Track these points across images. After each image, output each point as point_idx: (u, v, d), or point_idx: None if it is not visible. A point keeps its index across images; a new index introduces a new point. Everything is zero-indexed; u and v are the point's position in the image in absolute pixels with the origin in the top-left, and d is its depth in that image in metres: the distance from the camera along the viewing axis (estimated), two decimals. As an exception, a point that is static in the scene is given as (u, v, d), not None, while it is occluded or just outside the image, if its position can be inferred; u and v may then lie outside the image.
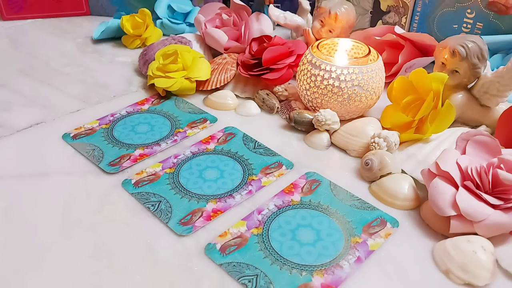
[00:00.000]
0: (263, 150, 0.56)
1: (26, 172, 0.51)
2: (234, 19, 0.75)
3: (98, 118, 0.61)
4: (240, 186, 0.50)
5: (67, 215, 0.45)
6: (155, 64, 0.66)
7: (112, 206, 0.47)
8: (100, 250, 0.42)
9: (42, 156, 0.54)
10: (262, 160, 0.54)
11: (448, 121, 0.53)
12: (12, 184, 0.49)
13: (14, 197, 0.48)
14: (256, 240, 0.43)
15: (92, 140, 0.57)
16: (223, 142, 0.57)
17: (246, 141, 0.57)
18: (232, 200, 0.48)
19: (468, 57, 0.54)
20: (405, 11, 0.76)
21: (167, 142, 0.57)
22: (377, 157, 0.51)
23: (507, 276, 0.41)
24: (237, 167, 0.53)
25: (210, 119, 0.62)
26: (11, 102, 0.64)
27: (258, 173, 0.52)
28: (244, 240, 0.43)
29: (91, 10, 0.94)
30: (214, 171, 0.52)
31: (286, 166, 0.53)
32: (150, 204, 0.47)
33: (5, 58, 0.77)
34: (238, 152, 0.55)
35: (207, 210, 0.47)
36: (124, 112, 0.63)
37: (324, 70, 0.56)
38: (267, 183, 0.50)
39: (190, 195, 0.48)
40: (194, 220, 0.45)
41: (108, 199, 0.48)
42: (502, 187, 0.43)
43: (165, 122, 0.61)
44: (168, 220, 0.45)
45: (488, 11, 0.69)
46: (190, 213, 0.46)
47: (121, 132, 0.58)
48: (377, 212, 0.47)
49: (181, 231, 0.44)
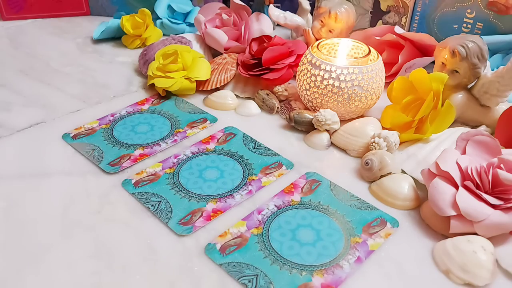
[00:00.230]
0: (263, 150, 0.55)
1: (26, 172, 0.51)
2: (234, 19, 0.75)
3: (98, 118, 0.61)
4: (240, 186, 0.50)
5: (67, 215, 0.45)
6: (155, 64, 0.66)
7: (112, 206, 0.47)
8: (100, 250, 0.42)
9: (42, 156, 0.54)
10: (262, 160, 0.54)
11: (448, 121, 0.53)
12: (12, 184, 0.49)
13: (14, 197, 0.48)
14: (256, 240, 0.43)
15: (92, 140, 0.57)
16: (223, 142, 0.57)
17: (246, 141, 0.57)
18: (232, 200, 0.48)
19: (468, 57, 0.54)
20: (405, 11, 0.76)
21: (167, 142, 0.57)
22: (377, 157, 0.51)
23: (507, 276, 0.41)
24: (237, 167, 0.53)
25: (210, 119, 0.62)
26: (11, 102, 0.64)
27: (258, 173, 0.52)
28: (244, 240, 0.43)
29: (91, 10, 0.94)
30: (214, 171, 0.52)
31: (286, 166, 0.53)
32: (150, 204, 0.47)
33: (5, 58, 0.77)
34: (238, 152, 0.55)
35: (207, 210, 0.46)
36: (124, 112, 0.63)
37: (324, 70, 0.56)
38: (267, 183, 0.50)
39: (190, 195, 0.48)
40: (194, 220, 0.45)
41: (108, 199, 0.48)
42: (502, 187, 0.43)
43: (165, 122, 0.61)
44: (168, 220, 0.45)
45: (488, 11, 0.69)
46: (190, 213, 0.46)
47: (121, 132, 0.58)
48: (377, 212, 0.47)
49: (181, 231, 0.44)
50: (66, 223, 0.45)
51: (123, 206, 0.47)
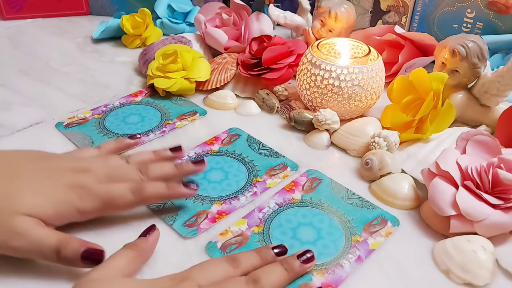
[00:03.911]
0: (267, 152, 0.55)
1: (26, 172, 0.51)
2: (234, 19, 0.75)
3: (91, 108, 0.62)
4: (245, 187, 0.50)
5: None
6: (155, 64, 0.66)
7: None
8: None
9: (42, 156, 0.54)
10: (267, 161, 0.54)
11: (448, 121, 0.53)
12: (12, 183, 0.49)
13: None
14: (257, 238, 0.43)
15: (84, 130, 0.58)
16: (227, 143, 0.57)
17: (250, 142, 0.57)
18: (237, 202, 0.48)
19: (468, 57, 0.55)
20: (405, 10, 0.76)
21: (156, 133, 0.58)
22: (377, 157, 0.51)
23: (507, 276, 0.41)
24: (242, 169, 0.52)
25: (200, 112, 0.63)
26: (11, 102, 0.64)
27: (263, 175, 0.52)
28: (245, 238, 0.43)
29: (91, 9, 0.94)
30: (219, 173, 0.52)
31: (291, 167, 0.53)
32: (154, 206, 0.47)
33: (5, 57, 0.77)
34: (243, 153, 0.55)
35: (212, 212, 0.46)
36: (118, 103, 0.64)
37: (324, 69, 0.56)
38: (272, 184, 0.50)
39: (195, 196, 0.48)
40: (199, 222, 0.45)
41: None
42: (502, 186, 0.43)
43: (155, 114, 0.62)
44: (173, 222, 0.45)
45: (488, 10, 0.69)
46: (195, 215, 0.46)
47: (112, 122, 0.59)
48: (377, 210, 0.47)
49: (186, 233, 0.44)
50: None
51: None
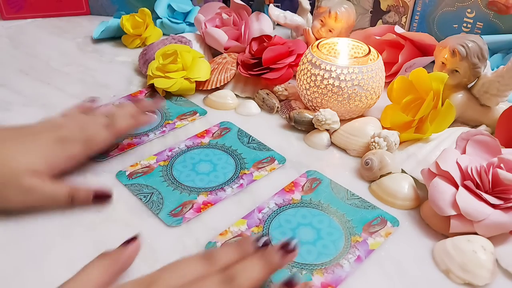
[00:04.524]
0: (256, 145, 0.56)
1: (26, 172, 0.51)
2: (234, 19, 0.75)
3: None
4: (232, 179, 0.50)
5: (67, 215, 0.45)
6: (155, 64, 0.66)
7: (112, 204, 0.47)
8: (100, 250, 0.42)
9: (42, 156, 0.54)
10: (255, 154, 0.54)
11: (448, 121, 0.53)
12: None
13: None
14: (256, 239, 0.43)
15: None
16: (218, 136, 0.57)
17: (240, 135, 0.58)
18: (223, 193, 0.48)
19: (468, 57, 0.54)
20: (405, 10, 0.76)
21: (156, 133, 0.58)
22: (377, 157, 0.51)
23: (507, 276, 0.41)
24: (230, 161, 0.53)
25: (200, 112, 0.63)
26: (11, 102, 0.64)
27: (250, 167, 0.52)
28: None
29: (91, 9, 0.94)
30: (207, 165, 0.52)
31: (278, 161, 0.53)
32: (142, 195, 0.48)
33: (5, 57, 0.77)
34: (232, 146, 0.56)
35: (198, 202, 0.47)
36: (117, 103, 0.64)
37: (324, 69, 0.56)
38: (259, 177, 0.51)
39: (182, 187, 0.49)
40: (184, 212, 0.46)
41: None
42: (502, 186, 0.43)
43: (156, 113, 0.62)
44: (159, 211, 0.46)
45: (488, 10, 0.69)
46: (181, 205, 0.47)
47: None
48: (377, 211, 0.47)
49: (171, 222, 0.45)
50: (66, 222, 0.45)
51: (122, 206, 0.47)
